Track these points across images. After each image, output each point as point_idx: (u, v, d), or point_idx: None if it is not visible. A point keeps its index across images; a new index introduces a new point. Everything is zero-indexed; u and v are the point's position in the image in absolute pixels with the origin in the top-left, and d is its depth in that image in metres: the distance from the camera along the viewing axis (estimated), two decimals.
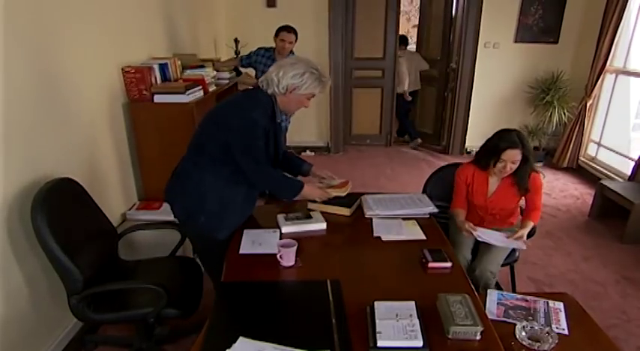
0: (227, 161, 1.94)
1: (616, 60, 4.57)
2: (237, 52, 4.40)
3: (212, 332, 1.44)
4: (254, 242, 1.97)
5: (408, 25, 8.55)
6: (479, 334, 1.42)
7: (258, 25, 4.93)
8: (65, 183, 2.02)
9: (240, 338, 1.36)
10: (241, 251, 1.91)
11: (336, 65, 5.36)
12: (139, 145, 2.96)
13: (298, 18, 4.92)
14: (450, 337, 1.42)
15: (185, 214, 2.07)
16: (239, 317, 1.53)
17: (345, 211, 2.26)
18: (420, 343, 1.36)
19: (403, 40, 5.86)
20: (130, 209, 2.92)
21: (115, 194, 2.81)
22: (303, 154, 5.60)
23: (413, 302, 1.52)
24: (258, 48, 4.01)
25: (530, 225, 2.42)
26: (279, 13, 5.02)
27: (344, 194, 2.21)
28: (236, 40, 4.44)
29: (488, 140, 2.39)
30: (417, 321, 1.43)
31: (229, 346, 1.33)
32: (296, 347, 1.34)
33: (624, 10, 4.22)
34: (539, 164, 5.16)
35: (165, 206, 2.92)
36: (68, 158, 2.32)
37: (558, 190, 4.60)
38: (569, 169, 5.10)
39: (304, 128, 5.56)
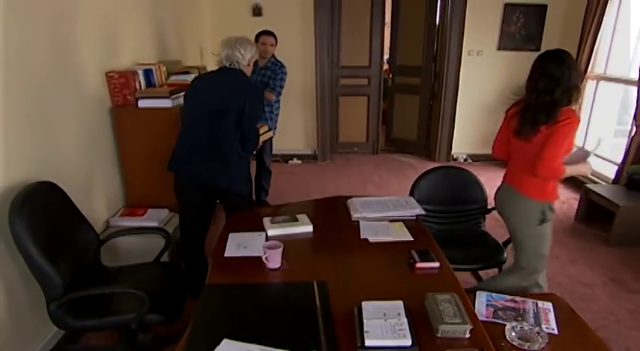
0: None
1: (597, 66, 4.65)
2: None
3: (195, 334, 1.40)
4: (239, 245, 1.94)
5: None
6: (468, 332, 1.41)
7: (244, 33, 4.82)
8: (45, 187, 1.97)
9: (225, 340, 1.33)
10: (226, 254, 1.88)
11: (322, 73, 5.37)
12: (123, 150, 2.92)
13: (284, 27, 4.93)
14: (439, 335, 1.40)
15: (230, 181, 2.41)
16: (223, 319, 1.49)
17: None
18: (408, 342, 1.34)
19: None
20: (114, 216, 2.86)
21: (98, 200, 2.76)
22: (290, 162, 5.58)
23: (401, 302, 1.50)
24: None
25: None
26: (265, 22, 5.01)
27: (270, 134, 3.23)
28: None
29: (566, 69, 2.10)
30: (405, 320, 1.41)
31: (213, 349, 1.29)
32: (283, 349, 1.30)
33: (603, 16, 4.30)
34: None
35: (150, 213, 2.89)
36: (50, 162, 2.27)
37: None
38: None
39: (291, 136, 5.55)
